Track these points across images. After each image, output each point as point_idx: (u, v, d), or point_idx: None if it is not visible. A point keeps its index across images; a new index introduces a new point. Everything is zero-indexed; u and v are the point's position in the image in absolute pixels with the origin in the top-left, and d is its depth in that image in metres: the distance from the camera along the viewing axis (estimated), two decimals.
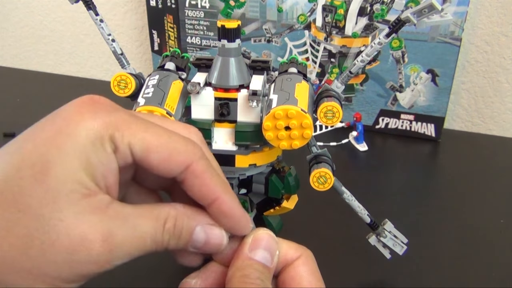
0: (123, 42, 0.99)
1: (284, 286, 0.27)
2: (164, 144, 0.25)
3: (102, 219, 0.23)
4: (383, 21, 0.73)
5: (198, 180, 0.26)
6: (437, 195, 0.63)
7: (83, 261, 0.23)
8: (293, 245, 0.28)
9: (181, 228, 0.25)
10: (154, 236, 0.25)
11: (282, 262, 0.27)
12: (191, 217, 0.26)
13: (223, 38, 0.38)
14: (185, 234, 0.26)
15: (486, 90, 0.80)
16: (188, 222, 0.26)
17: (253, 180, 0.43)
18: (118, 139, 0.24)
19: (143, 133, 0.25)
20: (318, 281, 0.27)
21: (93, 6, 0.39)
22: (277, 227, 0.46)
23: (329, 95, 0.37)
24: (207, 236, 0.26)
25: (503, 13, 0.75)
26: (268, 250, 0.27)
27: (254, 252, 0.27)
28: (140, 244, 0.24)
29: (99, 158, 0.24)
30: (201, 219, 0.26)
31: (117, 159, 0.25)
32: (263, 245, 0.27)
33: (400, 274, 0.47)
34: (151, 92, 0.36)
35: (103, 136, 0.24)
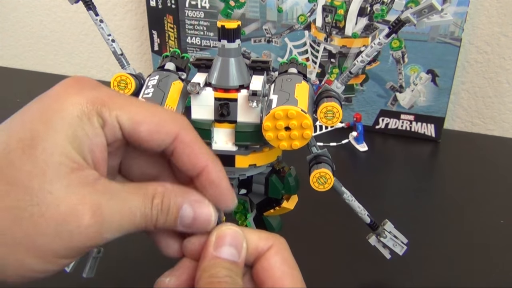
0: (123, 42, 0.99)
1: (258, 278, 0.27)
2: (152, 115, 0.26)
3: (91, 192, 0.23)
4: (383, 22, 0.73)
5: (187, 148, 0.26)
6: (437, 195, 0.63)
7: (74, 233, 0.23)
8: (264, 235, 0.28)
9: (168, 204, 0.25)
10: (143, 210, 0.25)
11: (254, 254, 0.27)
12: (178, 194, 0.26)
13: (223, 38, 0.38)
14: (173, 210, 0.26)
15: (486, 90, 0.80)
16: (175, 198, 0.26)
17: (253, 181, 0.43)
18: (105, 113, 0.24)
19: (130, 106, 0.25)
20: (291, 269, 0.27)
21: (93, 6, 0.39)
22: (277, 227, 0.46)
23: (329, 96, 0.37)
24: (194, 212, 0.26)
25: (503, 13, 0.75)
26: (233, 246, 0.26)
27: (219, 250, 0.26)
28: (130, 218, 0.24)
29: (86, 132, 0.24)
30: (188, 196, 0.26)
31: (106, 134, 0.25)
32: (227, 241, 0.26)
33: (400, 274, 0.47)
34: (151, 93, 0.36)
35: (90, 111, 0.24)
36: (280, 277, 0.26)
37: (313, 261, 0.49)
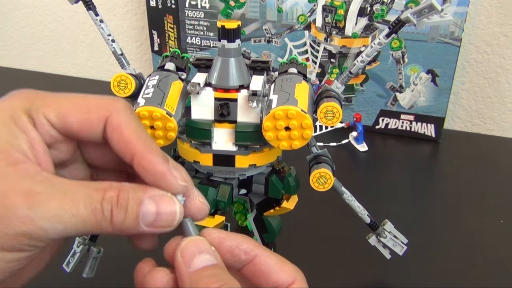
0: (123, 42, 0.99)
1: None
2: (78, 105, 0.26)
3: (28, 181, 0.23)
4: (383, 22, 0.73)
5: (115, 133, 0.25)
6: (437, 195, 0.63)
7: (3, 216, 0.22)
8: (286, 268, 0.26)
9: (127, 199, 0.24)
10: (89, 202, 0.23)
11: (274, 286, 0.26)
12: (138, 189, 0.24)
13: (223, 38, 0.38)
14: (132, 205, 0.24)
15: (486, 90, 0.80)
16: (134, 193, 0.24)
17: (253, 181, 0.43)
18: (33, 112, 0.25)
19: (58, 102, 0.26)
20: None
21: (93, 6, 0.39)
22: (277, 227, 0.46)
23: (329, 96, 0.37)
24: (157, 205, 0.24)
25: (503, 13, 0.75)
26: (203, 251, 0.25)
27: (192, 264, 0.24)
28: (72, 208, 0.23)
29: (20, 128, 0.24)
30: (150, 191, 0.24)
31: (41, 134, 0.25)
32: (195, 251, 0.25)
33: (400, 274, 0.47)
34: (151, 93, 0.36)
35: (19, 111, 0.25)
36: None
37: (313, 261, 0.49)
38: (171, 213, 0.25)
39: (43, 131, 0.25)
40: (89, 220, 0.23)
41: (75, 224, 0.23)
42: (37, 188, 0.23)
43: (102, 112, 0.25)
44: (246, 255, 0.26)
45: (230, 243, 0.26)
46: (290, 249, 0.50)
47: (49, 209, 0.22)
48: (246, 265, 0.26)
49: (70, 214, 0.23)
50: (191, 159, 0.40)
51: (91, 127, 0.25)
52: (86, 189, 0.24)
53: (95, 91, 0.27)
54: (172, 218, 0.25)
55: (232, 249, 0.26)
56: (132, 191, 0.24)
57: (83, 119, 0.25)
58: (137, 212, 0.24)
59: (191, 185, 0.26)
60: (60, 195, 0.23)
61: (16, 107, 0.25)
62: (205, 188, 0.40)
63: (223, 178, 0.41)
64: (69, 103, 0.26)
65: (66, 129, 0.25)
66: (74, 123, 0.25)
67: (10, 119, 0.24)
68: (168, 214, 0.25)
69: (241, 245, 0.26)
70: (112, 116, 0.25)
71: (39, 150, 0.25)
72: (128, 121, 0.25)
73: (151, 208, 0.24)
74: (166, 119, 0.35)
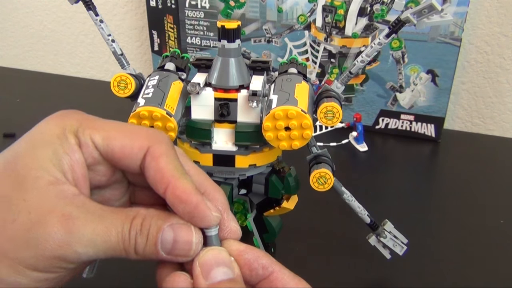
0: (123, 42, 0.99)
1: None
2: (125, 131, 0.26)
3: (66, 204, 0.24)
4: (383, 22, 0.73)
5: (154, 162, 0.26)
6: (437, 195, 0.63)
7: (40, 239, 0.23)
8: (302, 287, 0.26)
9: (148, 226, 0.24)
10: (120, 229, 0.24)
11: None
12: (161, 217, 0.25)
13: (223, 38, 0.38)
14: (153, 232, 0.24)
15: (486, 90, 0.80)
16: (156, 221, 0.25)
17: (253, 181, 0.43)
18: (80, 133, 0.26)
19: (104, 125, 0.26)
20: None
21: (93, 6, 0.39)
22: (277, 227, 0.46)
23: (329, 96, 0.37)
24: (175, 234, 0.25)
25: (503, 13, 0.75)
26: (222, 264, 0.25)
27: (210, 277, 0.24)
28: (105, 235, 0.23)
29: (65, 150, 0.25)
30: (170, 219, 0.25)
31: (84, 154, 0.26)
32: (213, 263, 0.25)
33: (400, 274, 0.47)
34: (151, 93, 0.36)
35: (66, 131, 0.25)
36: None
37: (313, 261, 0.49)
38: (187, 242, 0.25)
39: (86, 152, 0.26)
40: (117, 247, 0.24)
41: (105, 250, 0.24)
42: (74, 213, 0.23)
43: (145, 141, 0.26)
44: (264, 270, 0.26)
45: (249, 256, 0.26)
46: (290, 249, 0.50)
47: (85, 235, 0.23)
48: (263, 281, 0.26)
49: (103, 240, 0.23)
50: (191, 159, 0.40)
51: (132, 154, 0.26)
52: (118, 216, 0.24)
53: (95, 91, 0.27)
54: (188, 247, 0.25)
55: (250, 263, 0.26)
56: (155, 218, 0.25)
57: (126, 145, 0.26)
58: (156, 239, 0.24)
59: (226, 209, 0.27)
60: (95, 221, 0.24)
61: (65, 126, 0.26)
62: None
63: (223, 178, 0.41)
64: (115, 128, 0.27)
65: (108, 153, 0.26)
66: (117, 147, 0.26)
67: (56, 138, 0.25)
68: (185, 243, 0.25)
69: (260, 260, 0.26)
70: (154, 146, 0.26)
71: (78, 173, 0.25)
72: (168, 152, 0.26)
73: (169, 236, 0.25)
74: (166, 119, 0.35)
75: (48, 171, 0.24)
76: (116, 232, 0.24)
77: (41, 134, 0.25)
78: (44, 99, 0.91)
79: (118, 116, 0.31)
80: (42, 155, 0.24)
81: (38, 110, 0.42)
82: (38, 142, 0.25)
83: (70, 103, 0.88)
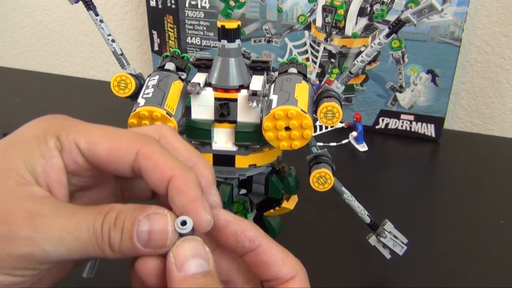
0: (123, 42, 0.99)
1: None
2: (111, 134, 0.25)
3: (34, 202, 0.23)
4: (383, 22, 0.73)
5: (151, 162, 0.24)
6: (437, 195, 0.63)
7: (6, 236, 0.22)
8: (289, 262, 0.26)
9: (123, 219, 0.23)
10: (91, 224, 0.23)
11: (274, 276, 0.25)
12: (137, 209, 0.23)
13: (223, 38, 0.38)
14: (128, 224, 0.23)
15: (486, 90, 0.80)
16: (132, 213, 0.23)
17: (253, 181, 0.43)
18: (63, 137, 0.25)
19: (89, 129, 0.25)
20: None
21: (93, 6, 0.39)
22: (277, 227, 0.46)
23: (329, 96, 0.37)
24: (150, 223, 0.23)
25: (503, 13, 0.75)
26: (197, 255, 0.23)
27: (184, 268, 0.23)
28: (75, 230, 0.22)
29: (42, 153, 0.24)
30: (147, 210, 0.23)
31: (64, 157, 0.25)
32: (188, 253, 0.23)
33: (400, 274, 0.47)
34: (151, 93, 0.36)
35: (47, 134, 0.25)
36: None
37: (313, 261, 0.49)
38: (163, 231, 0.23)
39: (69, 157, 0.25)
40: (90, 244, 0.23)
41: (77, 248, 0.22)
42: (42, 210, 0.23)
43: (133, 144, 0.25)
44: (250, 242, 0.25)
45: (235, 227, 0.26)
46: (290, 249, 0.50)
47: (52, 232, 0.22)
48: (249, 253, 0.26)
49: (73, 237, 0.22)
50: None
51: (120, 157, 0.25)
52: (90, 211, 0.23)
53: (95, 91, 0.27)
54: (164, 236, 0.23)
55: (237, 234, 0.25)
56: (131, 210, 0.23)
57: (113, 149, 0.25)
58: (131, 232, 0.23)
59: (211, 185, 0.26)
60: (64, 218, 0.23)
61: (46, 129, 0.25)
62: None
63: (223, 178, 0.41)
64: (101, 131, 0.25)
65: (94, 158, 0.25)
66: (103, 150, 0.25)
67: (35, 140, 0.24)
68: (160, 232, 0.23)
69: (247, 232, 0.26)
70: (145, 146, 0.25)
71: (53, 178, 0.24)
72: (161, 150, 0.25)
73: (144, 227, 0.23)
74: (166, 119, 0.35)
75: (18, 172, 0.23)
76: (87, 227, 0.22)
77: (21, 135, 0.25)
78: (44, 99, 0.91)
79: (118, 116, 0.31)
80: (16, 156, 0.24)
81: (38, 110, 0.42)
82: (16, 143, 0.24)
83: (70, 103, 0.88)
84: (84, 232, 0.22)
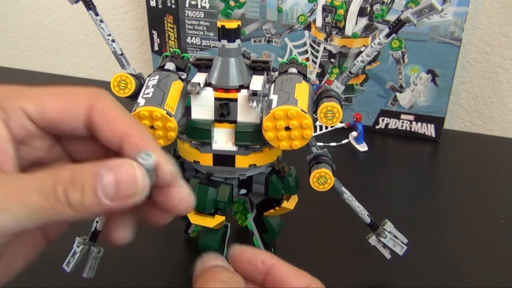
0: (123, 42, 0.99)
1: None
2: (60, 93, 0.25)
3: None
4: (383, 22, 0.73)
5: (104, 116, 0.24)
6: (437, 195, 0.63)
7: None
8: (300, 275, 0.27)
9: (82, 176, 0.21)
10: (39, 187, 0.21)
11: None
12: (96, 165, 0.22)
13: (223, 38, 0.38)
14: (89, 180, 0.21)
15: (486, 90, 0.80)
16: (91, 168, 0.22)
17: (253, 181, 0.43)
18: (6, 105, 0.24)
19: (36, 93, 0.24)
20: None
21: (93, 6, 0.39)
22: (277, 227, 0.46)
23: (329, 96, 0.37)
24: (115, 174, 0.22)
25: (503, 13, 0.75)
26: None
27: None
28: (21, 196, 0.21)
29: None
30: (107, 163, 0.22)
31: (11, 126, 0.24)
32: None
33: (400, 274, 0.47)
34: (151, 93, 0.36)
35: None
36: None
37: (313, 261, 0.49)
38: (131, 178, 0.22)
39: (15, 124, 0.24)
40: (42, 208, 0.21)
41: (28, 215, 0.21)
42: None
43: (85, 99, 0.24)
44: (263, 264, 0.27)
45: (248, 253, 0.27)
46: (290, 249, 0.50)
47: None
48: (266, 276, 0.27)
49: (19, 203, 0.21)
50: (191, 159, 0.40)
51: (72, 114, 0.24)
52: (37, 175, 0.21)
53: None
54: (133, 183, 0.22)
55: (250, 259, 0.27)
56: (89, 166, 0.22)
57: (64, 107, 0.24)
58: (95, 187, 0.21)
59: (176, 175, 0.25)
60: (8, 186, 0.21)
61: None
62: (205, 188, 0.40)
63: (223, 178, 0.41)
64: (49, 93, 0.25)
65: (45, 120, 0.24)
66: (54, 111, 0.24)
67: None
68: (129, 180, 0.22)
69: (258, 255, 0.27)
70: (97, 102, 0.24)
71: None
72: (116, 105, 0.25)
73: (109, 178, 0.21)
74: (166, 119, 0.35)
75: None
76: (35, 190, 0.21)
77: None
78: None
79: None
80: None
81: None
82: None
83: None
84: (33, 197, 0.21)
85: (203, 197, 0.39)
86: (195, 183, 0.40)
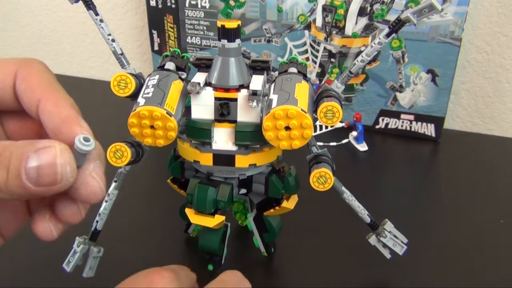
0: (123, 42, 0.99)
1: None
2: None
3: None
4: (383, 21, 0.73)
5: (25, 83, 0.23)
6: (437, 195, 0.63)
7: None
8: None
9: (9, 156, 0.20)
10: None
11: None
12: (27, 145, 0.21)
13: (223, 38, 0.38)
14: (15, 162, 0.20)
15: (486, 90, 0.80)
16: (20, 149, 0.21)
17: (253, 180, 0.43)
18: None
19: None
20: None
21: (93, 6, 0.39)
22: (277, 227, 0.46)
23: (329, 95, 0.37)
24: (38, 157, 0.20)
25: (503, 13, 0.75)
26: None
27: None
28: None
29: None
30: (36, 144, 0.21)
31: None
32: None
33: (400, 274, 0.47)
34: (151, 92, 0.36)
35: None
36: None
37: (313, 261, 0.49)
38: (51, 165, 0.21)
39: None
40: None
41: None
42: None
43: (13, 66, 0.24)
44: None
45: None
46: (290, 249, 0.50)
47: None
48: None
49: None
50: (191, 159, 0.40)
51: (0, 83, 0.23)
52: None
53: (95, 91, 0.27)
54: (53, 170, 0.21)
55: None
56: (20, 146, 0.21)
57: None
58: (19, 170, 0.20)
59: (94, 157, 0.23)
60: None
61: None
62: (205, 188, 0.40)
63: (223, 178, 0.41)
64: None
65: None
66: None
67: None
68: (48, 167, 0.21)
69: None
70: (23, 68, 0.24)
71: None
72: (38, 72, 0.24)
73: (34, 163, 0.20)
74: (166, 118, 0.35)
75: None
76: None
77: None
78: None
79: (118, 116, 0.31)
80: None
81: None
82: None
83: None
84: None
85: (203, 197, 0.39)
86: (195, 183, 0.40)
